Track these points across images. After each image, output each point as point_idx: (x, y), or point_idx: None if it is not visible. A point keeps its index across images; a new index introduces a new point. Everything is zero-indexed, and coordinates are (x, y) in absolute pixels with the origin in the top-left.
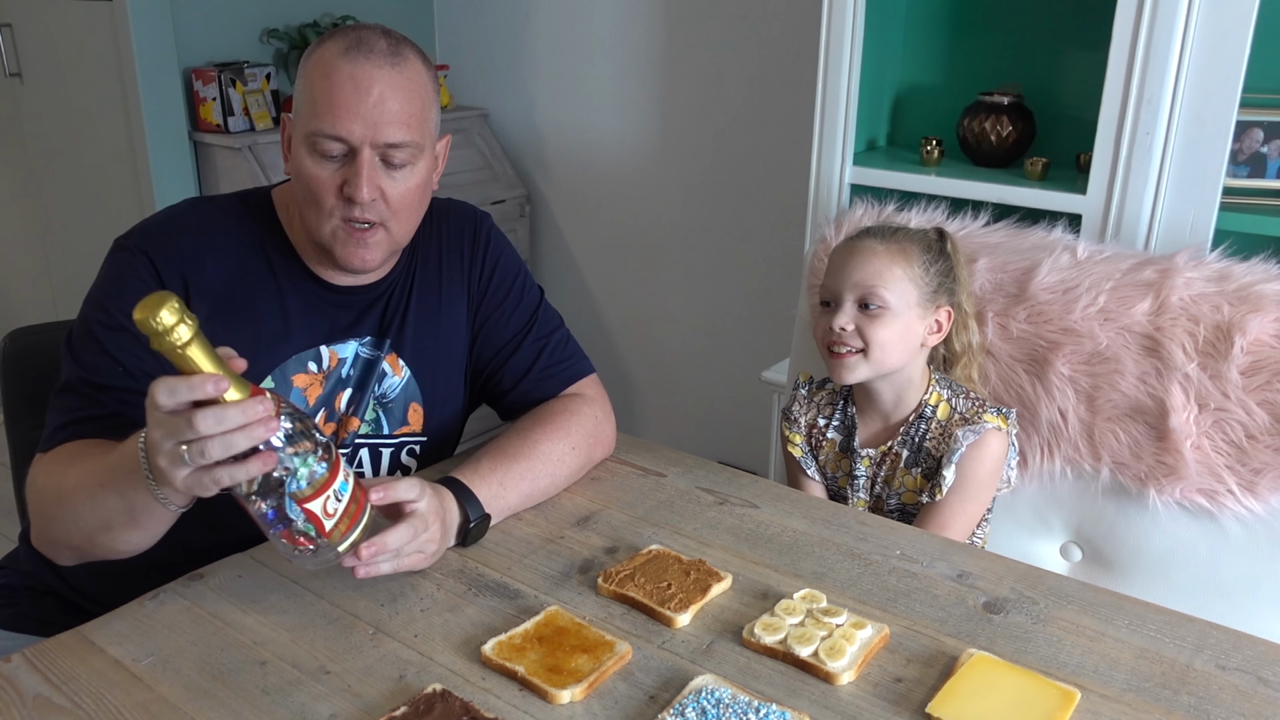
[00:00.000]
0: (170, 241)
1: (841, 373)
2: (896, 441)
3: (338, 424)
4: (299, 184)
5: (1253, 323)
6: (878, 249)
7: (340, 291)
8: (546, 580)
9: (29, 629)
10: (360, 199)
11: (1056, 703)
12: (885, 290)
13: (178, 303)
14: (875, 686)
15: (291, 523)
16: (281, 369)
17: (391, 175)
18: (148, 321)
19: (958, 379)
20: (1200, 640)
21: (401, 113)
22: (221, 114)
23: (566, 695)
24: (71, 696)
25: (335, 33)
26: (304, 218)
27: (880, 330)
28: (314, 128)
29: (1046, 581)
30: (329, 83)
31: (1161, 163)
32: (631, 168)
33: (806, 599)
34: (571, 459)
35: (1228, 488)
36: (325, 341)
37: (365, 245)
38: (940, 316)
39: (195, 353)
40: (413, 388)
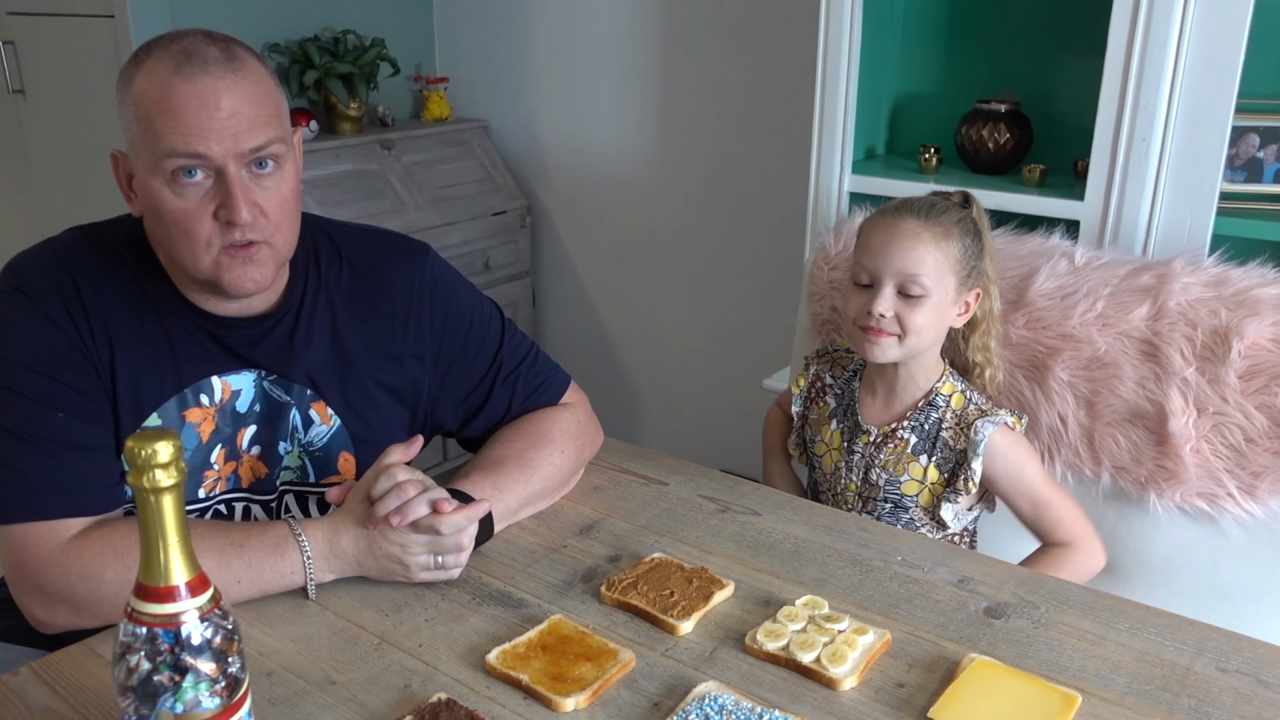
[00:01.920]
0: (45, 277)
1: (874, 352)
2: (904, 426)
3: (239, 463)
4: (161, 222)
5: (1250, 327)
6: (921, 233)
7: (223, 324)
8: (550, 589)
9: (30, 641)
10: (240, 220)
11: (1058, 706)
12: (926, 278)
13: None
14: (878, 692)
15: None
16: (167, 407)
17: (263, 186)
18: (138, 450)
19: (975, 348)
20: (1201, 643)
21: (256, 115)
22: None
23: (571, 703)
24: (79, 709)
25: (153, 49)
26: (175, 255)
27: (919, 316)
28: (167, 151)
29: (1047, 586)
30: (169, 105)
31: (1158, 168)
32: (631, 178)
33: (808, 605)
34: (561, 462)
35: (1228, 491)
36: (216, 372)
37: (252, 263)
38: (970, 298)
39: (168, 503)
40: (342, 437)
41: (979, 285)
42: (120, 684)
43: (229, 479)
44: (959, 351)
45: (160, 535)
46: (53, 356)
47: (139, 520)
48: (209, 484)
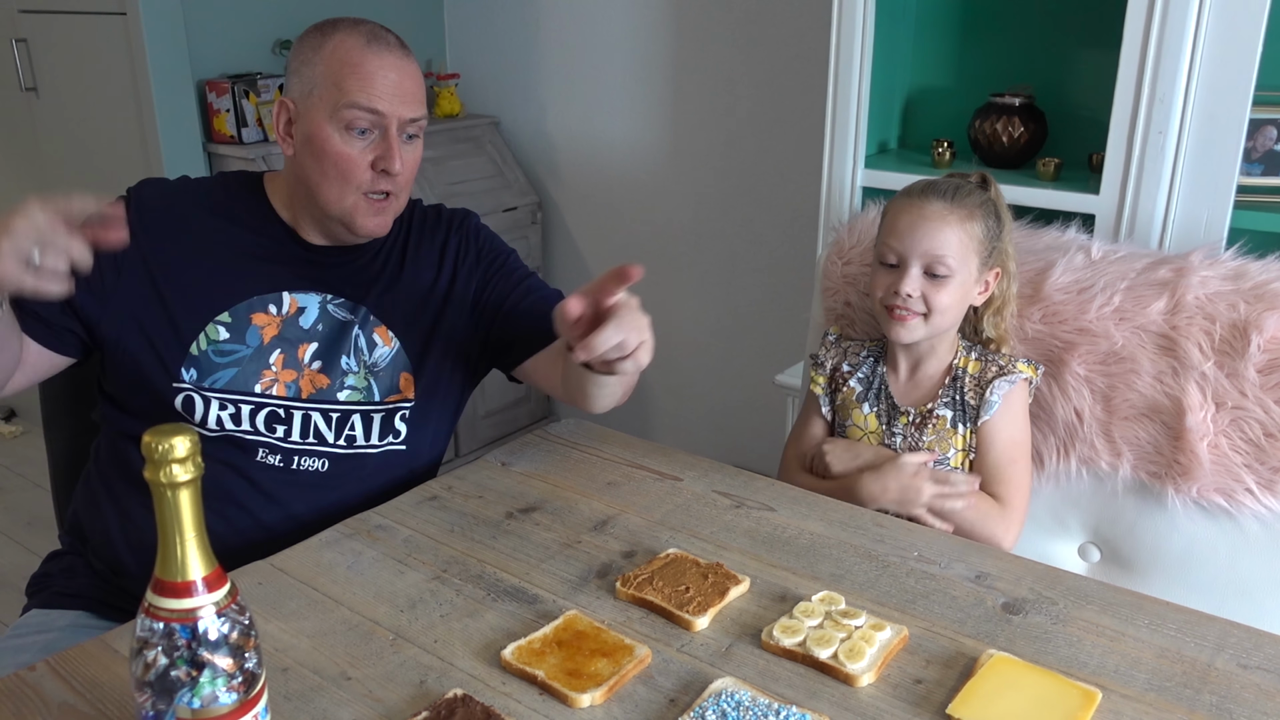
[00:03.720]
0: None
1: (902, 333)
2: (939, 403)
3: (299, 373)
4: (319, 161)
5: (1269, 320)
6: (948, 215)
7: (313, 250)
8: (565, 585)
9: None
10: (395, 170)
11: (1077, 703)
12: (952, 259)
13: (192, 441)
14: (895, 688)
15: None
16: (240, 306)
17: (406, 149)
18: (155, 446)
19: (989, 324)
20: (1221, 639)
21: (418, 95)
22: (235, 125)
23: (587, 699)
24: (95, 704)
25: (338, 25)
26: (319, 192)
27: (944, 296)
28: (350, 103)
29: (1065, 582)
30: (361, 68)
31: (1174, 162)
32: (643, 173)
33: (825, 601)
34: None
35: (1246, 486)
36: (289, 289)
37: (384, 213)
38: (990, 277)
39: (185, 498)
40: (402, 358)
41: (999, 264)
42: (137, 679)
43: (289, 385)
44: (974, 328)
45: (177, 529)
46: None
47: (156, 516)
48: (265, 382)
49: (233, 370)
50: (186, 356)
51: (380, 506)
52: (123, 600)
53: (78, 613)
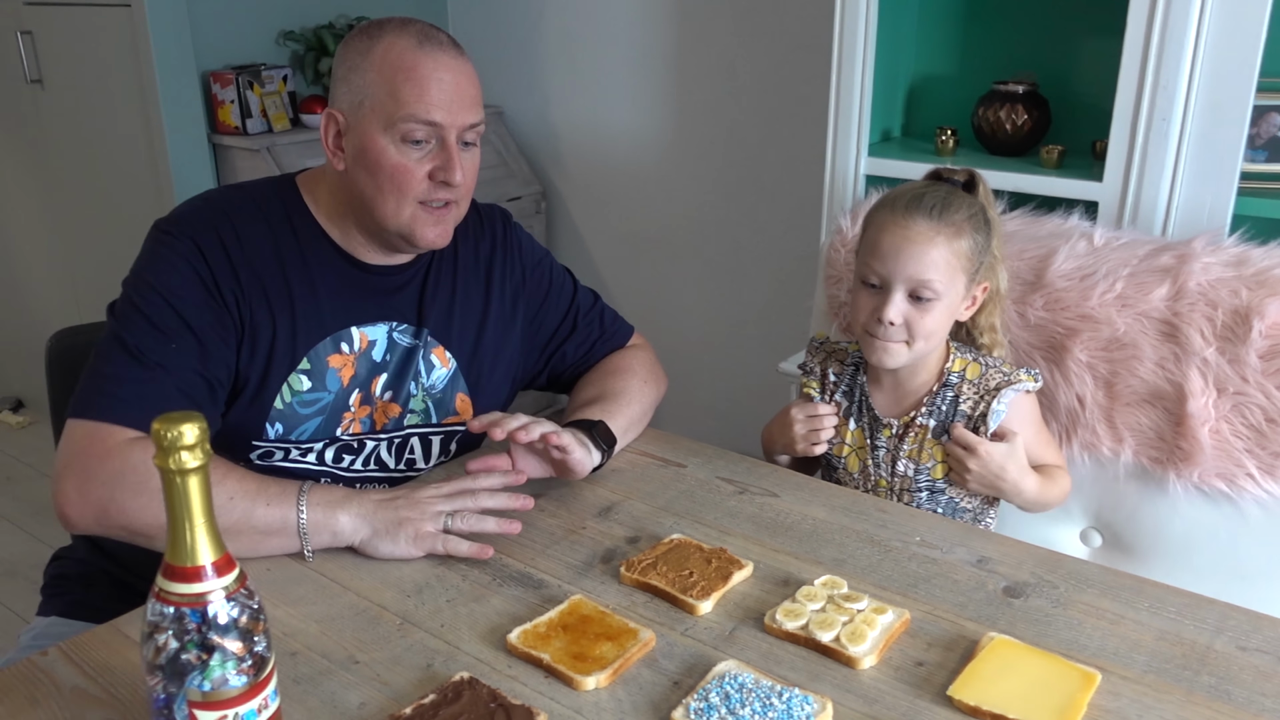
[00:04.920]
0: (209, 226)
1: (884, 358)
2: (921, 413)
3: (373, 408)
4: (375, 175)
5: (1271, 306)
6: (934, 237)
7: (369, 270)
8: (570, 570)
9: (85, 616)
10: (455, 180)
11: (1077, 684)
12: (938, 283)
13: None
14: (897, 670)
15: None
16: (317, 350)
17: (465, 155)
18: (164, 433)
19: (981, 329)
20: (1220, 622)
21: (475, 97)
22: (240, 116)
23: (592, 682)
24: (107, 688)
25: (385, 27)
26: (375, 207)
27: (928, 321)
28: (406, 115)
29: (1066, 565)
30: (415, 74)
31: (1178, 149)
32: (646, 163)
33: (827, 585)
34: (649, 391)
35: (1247, 471)
36: (356, 323)
37: (444, 222)
38: (977, 293)
39: (194, 485)
40: (459, 379)
41: (987, 277)
42: (149, 663)
43: (363, 421)
44: (965, 331)
45: (187, 516)
46: (191, 299)
47: (165, 503)
48: (345, 424)
49: (318, 420)
50: (271, 412)
51: None
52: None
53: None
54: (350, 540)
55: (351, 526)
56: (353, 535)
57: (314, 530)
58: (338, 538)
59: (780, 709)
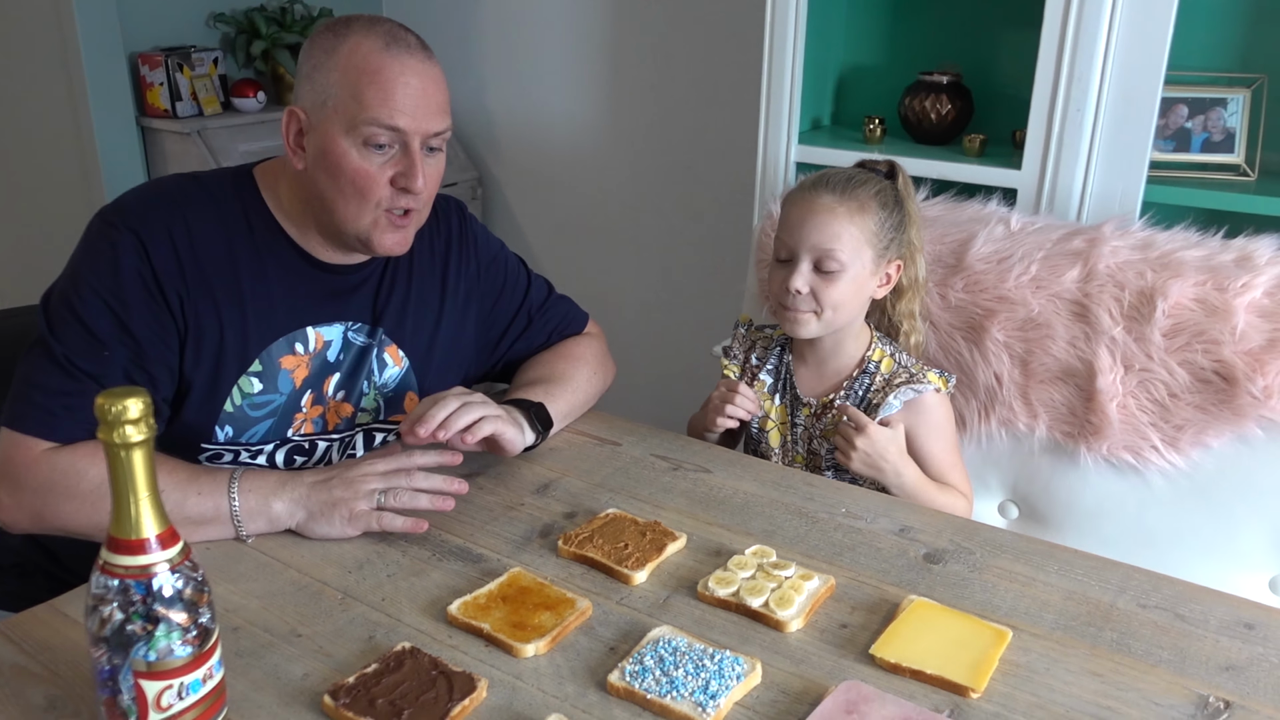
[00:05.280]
0: (156, 217)
1: (795, 329)
2: (840, 395)
3: (325, 408)
4: (336, 179)
5: (1174, 287)
6: (836, 208)
7: (327, 270)
8: (508, 544)
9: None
10: (416, 189)
11: (990, 641)
12: (842, 253)
13: (145, 403)
14: (822, 633)
15: (118, 694)
16: (269, 351)
17: (429, 162)
18: (108, 407)
19: (900, 314)
20: (1124, 582)
21: (442, 103)
22: (169, 99)
23: (531, 649)
24: (48, 665)
25: (352, 25)
26: (335, 209)
27: (834, 292)
28: (369, 119)
29: (983, 534)
30: (380, 78)
31: (1092, 138)
32: (582, 149)
33: (757, 554)
34: (595, 381)
35: (1151, 444)
36: (311, 323)
37: (404, 230)
38: (890, 270)
39: (138, 458)
40: (410, 377)
41: (900, 256)
42: (93, 635)
43: (315, 421)
44: (884, 315)
45: (130, 489)
46: (131, 300)
47: (110, 476)
48: (296, 425)
49: (269, 422)
50: (221, 414)
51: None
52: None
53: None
54: (286, 524)
55: (287, 511)
56: (289, 520)
57: (248, 517)
58: (274, 524)
59: (712, 669)
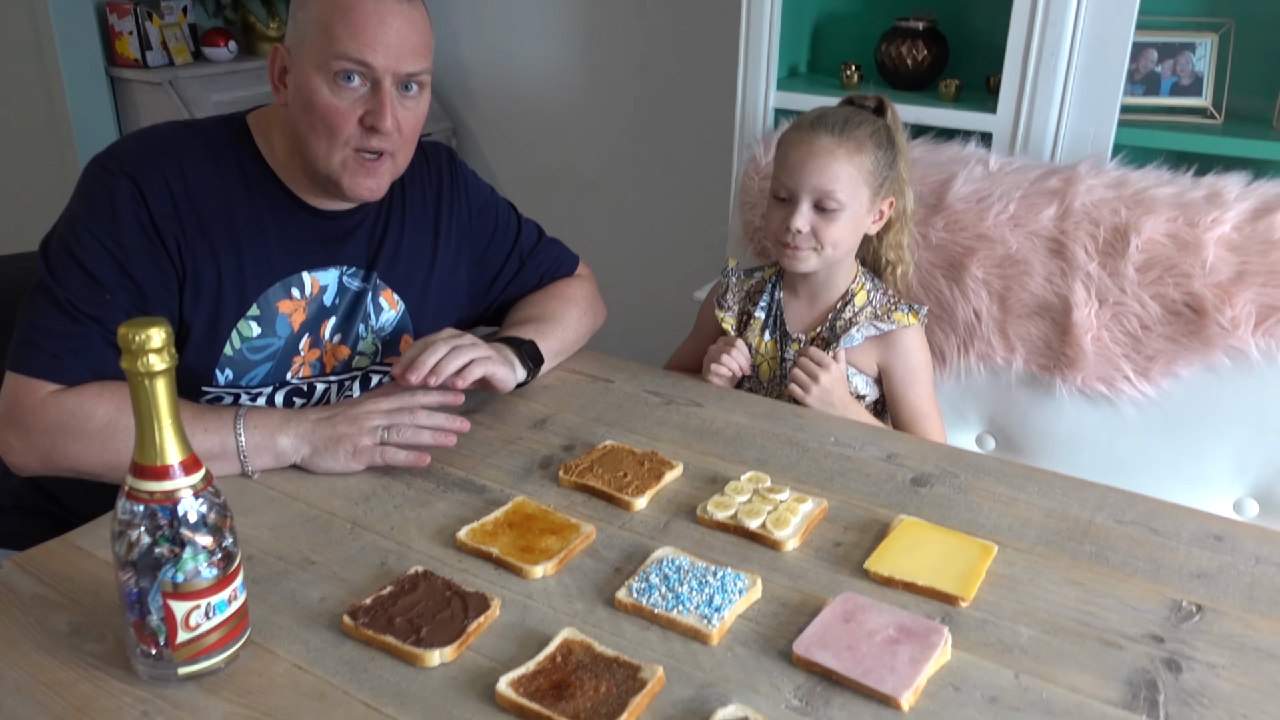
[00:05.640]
0: (153, 163)
1: (795, 264)
2: (825, 327)
3: (323, 351)
4: (308, 114)
5: (1147, 224)
6: (835, 150)
7: (321, 216)
8: (510, 476)
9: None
10: (384, 128)
11: (977, 555)
12: (841, 193)
13: (167, 332)
14: (817, 551)
15: (147, 615)
16: (266, 296)
17: (405, 105)
18: (131, 336)
19: (888, 246)
20: (1100, 501)
21: (419, 44)
22: (139, 48)
23: (539, 570)
24: (68, 594)
25: None
26: (308, 148)
27: (834, 229)
28: (338, 53)
29: (966, 459)
30: (352, 15)
31: (1065, 83)
32: (558, 98)
33: (753, 480)
34: (585, 321)
35: (1124, 374)
36: (306, 268)
37: (374, 175)
38: (884, 207)
39: (161, 386)
40: (406, 321)
41: (892, 192)
42: (121, 559)
43: (313, 364)
44: (873, 250)
45: (155, 417)
46: (129, 244)
47: (133, 405)
48: (295, 368)
49: (268, 365)
50: (220, 358)
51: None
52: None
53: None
54: (291, 459)
55: (292, 446)
56: (294, 454)
57: (254, 452)
58: (279, 459)
59: (715, 585)
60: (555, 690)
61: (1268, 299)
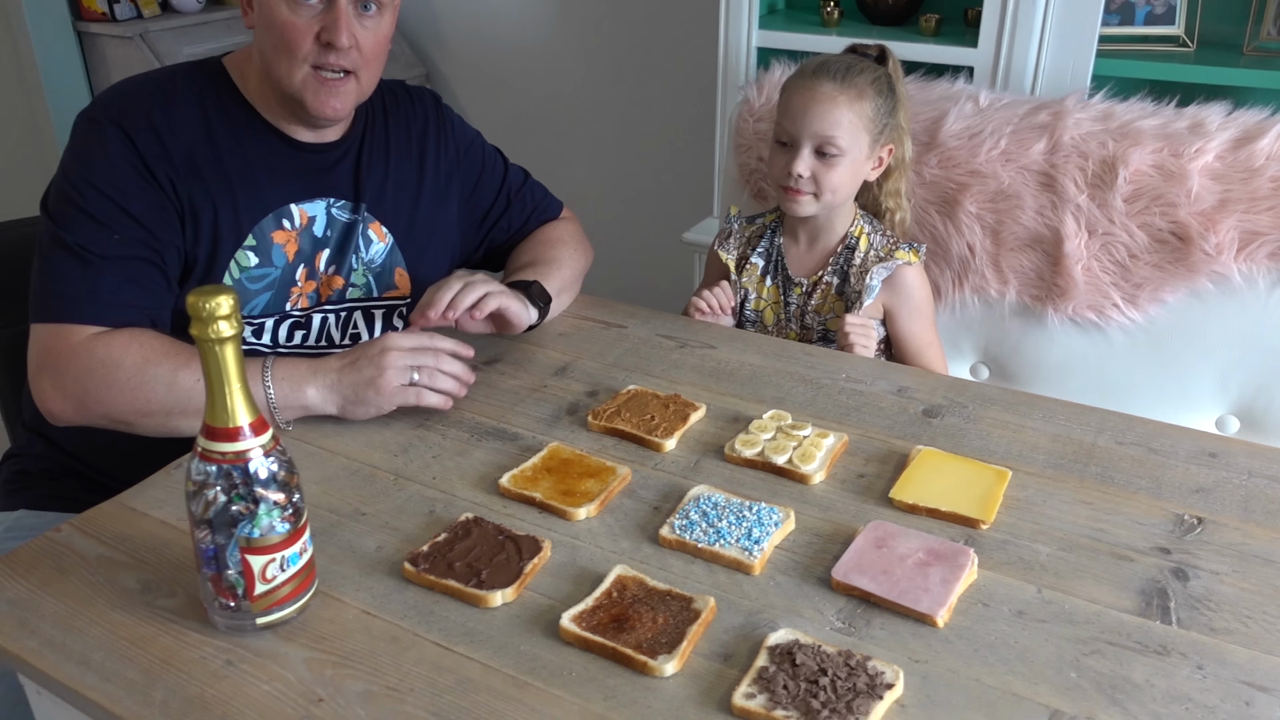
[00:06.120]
0: (137, 108)
1: (795, 208)
2: (827, 271)
3: (319, 283)
4: (269, 33)
5: (1134, 155)
6: (837, 97)
7: (304, 149)
8: (540, 423)
9: (57, 507)
10: (340, 44)
11: (993, 480)
12: (842, 139)
13: (235, 299)
14: (843, 483)
15: (225, 570)
16: (261, 226)
17: (364, 24)
18: (200, 305)
19: (887, 193)
20: (1101, 424)
21: None
22: (106, 2)
23: (583, 512)
24: (131, 553)
25: None
26: (272, 68)
27: (834, 175)
28: None
29: (971, 389)
30: None
31: (1044, 14)
32: (531, 42)
33: (775, 418)
34: (579, 258)
35: (1113, 302)
36: (294, 199)
37: (336, 94)
38: (883, 154)
39: (230, 352)
40: (396, 254)
41: (892, 140)
42: (197, 517)
43: (310, 295)
44: (872, 196)
45: (225, 381)
46: (127, 185)
47: (203, 370)
48: (293, 299)
49: (268, 294)
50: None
51: None
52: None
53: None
54: (322, 411)
55: (320, 398)
56: (323, 406)
57: (284, 405)
58: (309, 410)
59: (752, 519)
60: (615, 623)
61: (1249, 225)
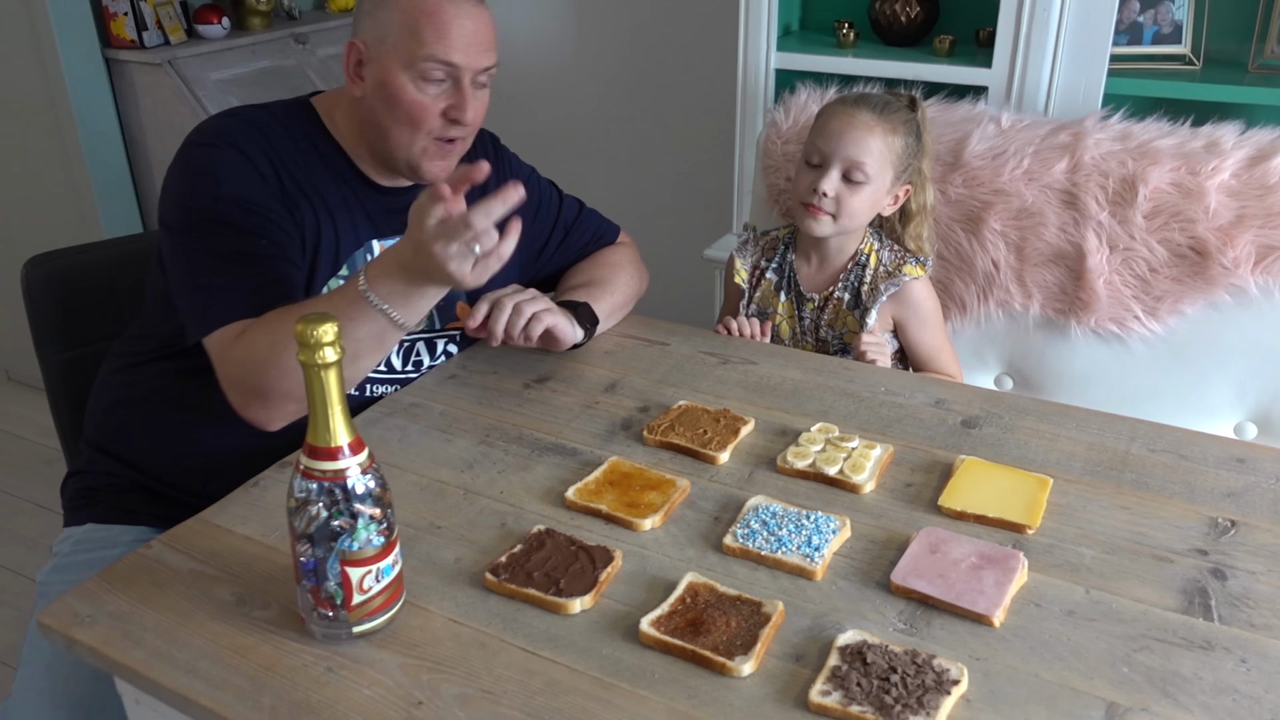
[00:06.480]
0: (247, 137)
1: (813, 227)
2: (838, 287)
3: None
4: (392, 108)
5: (1153, 173)
6: (874, 126)
7: (383, 191)
8: (596, 438)
9: (124, 520)
10: (466, 120)
11: (1036, 488)
12: (870, 167)
13: (338, 327)
14: (893, 492)
15: (325, 581)
16: (353, 258)
17: (477, 97)
18: (308, 332)
19: (910, 236)
20: (1132, 432)
21: (491, 42)
22: (135, 29)
23: (648, 523)
24: (223, 568)
25: None
26: (389, 136)
27: (856, 200)
28: (426, 55)
29: (1006, 400)
30: (438, 18)
31: (1057, 35)
32: (547, 63)
33: (823, 430)
34: (633, 284)
35: (1134, 314)
36: (376, 236)
37: (449, 157)
38: (899, 192)
39: (333, 377)
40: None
41: (911, 182)
42: (299, 532)
43: None
44: (897, 238)
45: (327, 403)
46: (261, 199)
47: (307, 392)
48: None
49: None
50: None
51: (407, 387)
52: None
53: (140, 528)
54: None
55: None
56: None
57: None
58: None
59: (810, 527)
60: (692, 627)
61: (1265, 239)
